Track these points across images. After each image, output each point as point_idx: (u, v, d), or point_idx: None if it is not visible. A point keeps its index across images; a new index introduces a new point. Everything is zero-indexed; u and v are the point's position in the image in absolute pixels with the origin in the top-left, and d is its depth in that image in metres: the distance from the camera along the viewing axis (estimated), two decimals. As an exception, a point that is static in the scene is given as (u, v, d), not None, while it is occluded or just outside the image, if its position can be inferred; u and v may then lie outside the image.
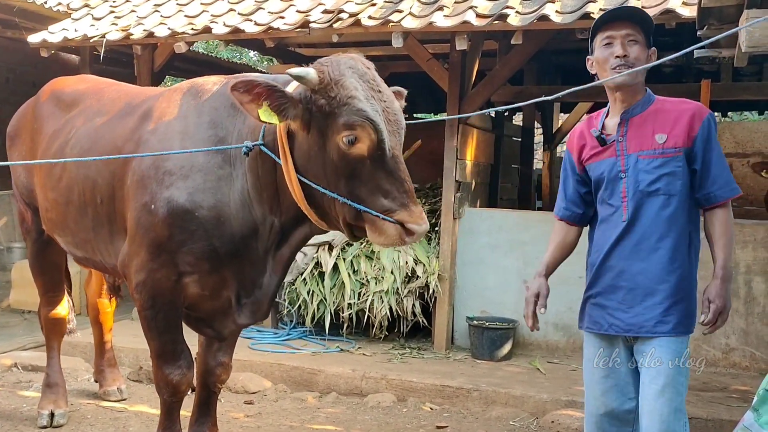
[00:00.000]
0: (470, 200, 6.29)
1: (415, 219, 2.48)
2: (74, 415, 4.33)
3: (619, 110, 2.67)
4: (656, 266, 2.59)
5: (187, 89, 3.09)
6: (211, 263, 2.92)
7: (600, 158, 2.70)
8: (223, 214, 2.86)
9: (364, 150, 2.49)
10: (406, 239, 2.50)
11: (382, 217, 2.49)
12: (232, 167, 2.86)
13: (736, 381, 5.03)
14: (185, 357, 3.14)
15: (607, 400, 2.72)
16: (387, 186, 2.51)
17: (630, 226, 2.62)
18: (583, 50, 8.12)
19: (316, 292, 5.87)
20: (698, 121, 2.58)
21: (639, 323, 2.61)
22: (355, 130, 2.47)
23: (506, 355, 5.64)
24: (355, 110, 2.47)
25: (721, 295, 2.54)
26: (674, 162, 2.58)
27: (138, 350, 5.41)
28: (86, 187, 3.28)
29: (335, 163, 2.54)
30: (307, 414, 4.59)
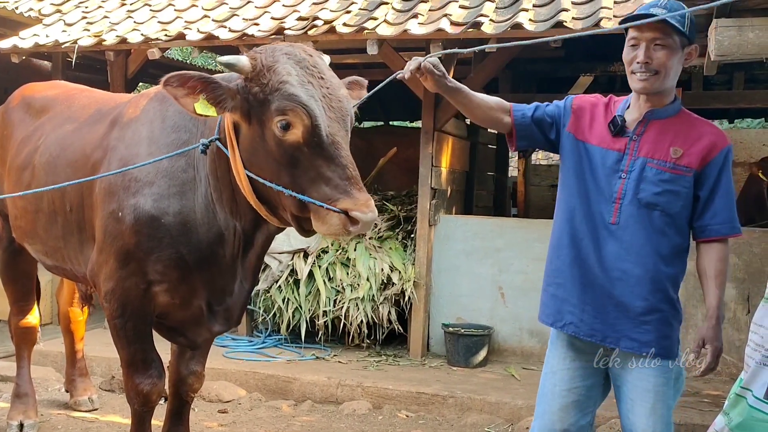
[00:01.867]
0: (446, 207, 6.31)
1: (359, 207, 2.34)
2: (44, 426, 4.26)
3: (643, 108, 2.51)
4: (639, 280, 2.45)
5: (154, 94, 3.07)
6: (179, 271, 2.88)
7: (608, 147, 2.53)
8: (189, 219, 2.83)
9: (299, 135, 2.40)
10: (350, 228, 2.36)
11: (326, 207, 2.37)
12: (195, 170, 2.83)
13: (708, 386, 5.08)
14: (156, 366, 3.09)
15: (565, 416, 2.60)
16: (328, 173, 2.39)
17: (619, 231, 2.47)
18: (557, 59, 8.21)
19: (291, 299, 5.84)
20: (718, 149, 2.44)
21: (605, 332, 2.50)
22: (287, 115, 2.39)
23: (481, 361, 5.66)
24: (286, 95, 2.40)
25: (718, 336, 2.41)
26: (682, 181, 2.44)
27: (110, 359, 5.34)
28: (55, 195, 3.23)
29: (274, 152, 2.46)
30: (281, 422, 4.56)
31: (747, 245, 5.26)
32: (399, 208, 6.41)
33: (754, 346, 2.42)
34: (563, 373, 2.63)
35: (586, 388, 2.61)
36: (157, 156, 2.84)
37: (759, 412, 2.33)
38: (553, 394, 2.63)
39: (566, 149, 2.63)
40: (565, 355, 2.63)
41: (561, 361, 2.64)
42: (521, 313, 5.82)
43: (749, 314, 5.23)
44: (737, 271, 5.26)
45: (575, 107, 2.63)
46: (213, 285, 2.96)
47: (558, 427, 2.62)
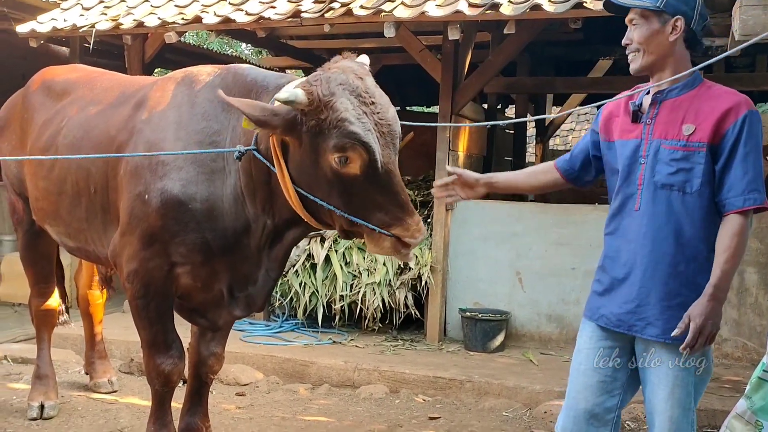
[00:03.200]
0: (463, 192, 6.27)
1: (411, 233, 2.50)
2: (64, 407, 4.30)
3: (653, 91, 2.50)
4: (658, 265, 2.42)
5: (181, 79, 3.06)
6: (203, 255, 2.90)
7: (627, 137, 2.53)
8: (216, 207, 2.84)
9: (357, 169, 2.47)
10: (402, 251, 2.52)
11: (378, 231, 2.51)
12: (225, 162, 2.85)
13: (729, 371, 5.04)
14: (177, 347, 3.11)
15: (589, 395, 2.58)
16: (381, 201, 2.51)
17: (640, 216, 2.46)
18: (576, 42, 8.13)
19: (308, 284, 5.85)
20: (732, 118, 2.34)
21: (631, 321, 2.48)
22: (347, 151, 2.44)
23: (499, 346, 5.64)
24: (346, 133, 2.44)
25: (703, 313, 2.30)
26: (696, 158, 2.37)
27: (129, 342, 5.39)
28: (79, 176, 3.24)
29: (329, 179, 2.53)
30: (299, 405, 4.58)
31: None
32: (416, 192, 6.38)
33: (778, 330, 2.39)
34: (589, 352, 2.61)
35: (612, 368, 2.58)
36: (185, 141, 2.85)
37: (783, 396, 2.30)
38: (578, 373, 2.62)
39: (606, 158, 2.65)
40: (591, 334, 2.62)
41: (587, 340, 2.63)
42: (539, 298, 5.79)
43: (771, 300, 5.17)
44: (759, 255, 5.20)
45: (605, 115, 2.67)
46: (236, 272, 2.97)
47: (582, 406, 2.59)
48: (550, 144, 10.76)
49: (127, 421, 4.14)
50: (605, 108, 2.69)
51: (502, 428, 4.25)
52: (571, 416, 2.63)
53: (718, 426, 2.59)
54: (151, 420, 3.22)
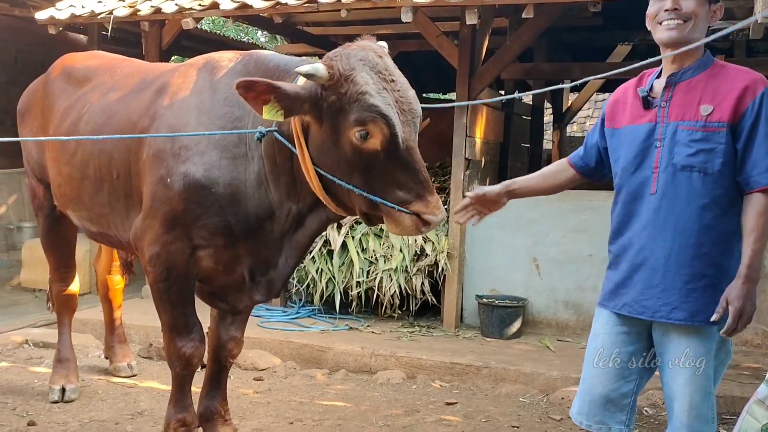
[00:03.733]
0: (480, 178, 6.27)
1: (431, 210, 2.48)
2: (85, 391, 4.35)
3: (668, 71, 2.45)
4: (681, 248, 2.39)
5: (203, 64, 3.06)
6: (225, 239, 2.91)
7: (638, 122, 2.49)
8: (239, 192, 2.85)
9: (378, 144, 2.46)
10: (422, 229, 2.50)
11: (398, 209, 2.49)
12: (248, 147, 2.85)
13: (748, 358, 5.01)
14: (197, 330, 3.14)
15: (606, 381, 2.57)
16: (402, 178, 2.49)
17: (658, 200, 2.42)
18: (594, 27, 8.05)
19: (325, 270, 5.87)
20: (750, 96, 2.32)
21: (656, 306, 2.45)
22: (367, 125, 2.44)
23: (516, 333, 5.64)
24: (366, 106, 2.43)
25: (742, 296, 2.29)
26: (716, 137, 2.34)
27: (148, 327, 5.44)
28: (102, 161, 3.27)
29: (349, 157, 2.52)
30: (316, 390, 4.61)
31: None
32: (432, 179, 6.35)
33: (800, 315, 2.37)
34: (605, 337, 2.60)
35: (628, 354, 2.56)
36: (208, 126, 2.85)
37: (804, 381, 2.28)
38: (593, 358, 2.61)
39: (611, 146, 2.63)
40: (607, 319, 2.60)
41: (603, 325, 2.61)
42: (556, 284, 5.78)
43: (791, 287, 5.13)
44: (779, 242, 5.14)
45: (610, 103, 2.65)
46: (258, 256, 2.98)
47: (598, 391, 2.59)
48: (567, 131, 10.68)
49: (146, 405, 4.19)
50: (611, 97, 2.68)
51: (518, 414, 4.26)
52: (587, 401, 2.62)
53: (738, 413, 2.57)
54: (172, 403, 3.25)
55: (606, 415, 2.60)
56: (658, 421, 4.13)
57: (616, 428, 2.61)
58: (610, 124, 2.62)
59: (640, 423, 4.08)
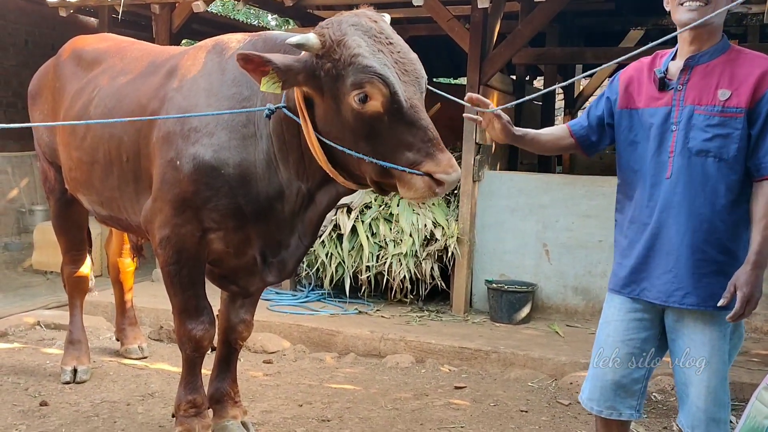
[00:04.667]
0: (490, 163, 6.25)
1: (443, 168, 2.38)
2: (96, 372, 4.39)
3: (685, 54, 2.43)
4: (694, 233, 2.39)
5: (212, 47, 3.06)
6: (235, 220, 2.91)
7: (655, 105, 2.46)
8: (249, 173, 2.85)
9: (379, 106, 2.40)
10: (436, 190, 2.40)
11: (409, 171, 2.40)
12: (256, 127, 2.84)
13: (758, 345, 5.00)
14: (208, 313, 3.15)
15: (618, 367, 2.57)
16: (409, 138, 2.41)
17: (672, 184, 2.41)
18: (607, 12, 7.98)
19: (335, 254, 5.88)
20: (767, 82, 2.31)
21: (669, 291, 2.45)
22: (365, 87, 2.39)
23: (525, 318, 5.64)
24: (361, 68, 2.39)
25: (750, 282, 2.29)
26: (733, 123, 2.33)
27: (158, 310, 5.47)
28: (112, 145, 3.27)
29: (352, 124, 2.48)
30: (325, 373, 4.63)
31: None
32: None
33: (810, 302, 2.36)
34: (617, 324, 2.59)
35: (641, 340, 2.56)
36: (217, 107, 2.85)
37: (814, 368, 2.28)
38: (606, 344, 2.61)
39: (622, 126, 2.59)
40: (620, 306, 2.59)
41: (616, 311, 2.60)
42: (566, 270, 5.77)
43: (802, 274, 5.10)
44: (791, 229, 5.11)
45: (623, 81, 2.60)
46: (269, 237, 2.97)
47: (610, 377, 2.59)
48: (578, 116, 10.64)
49: (157, 386, 4.22)
50: (623, 74, 2.62)
51: (527, 398, 4.26)
52: (598, 386, 2.63)
53: (747, 399, 2.57)
54: (182, 384, 3.27)
55: (617, 401, 2.61)
56: (667, 406, 4.13)
57: (627, 413, 2.62)
58: (624, 104, 2.58)
59: (648, 408, 4.08)
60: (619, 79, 2.63)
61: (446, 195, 6.07)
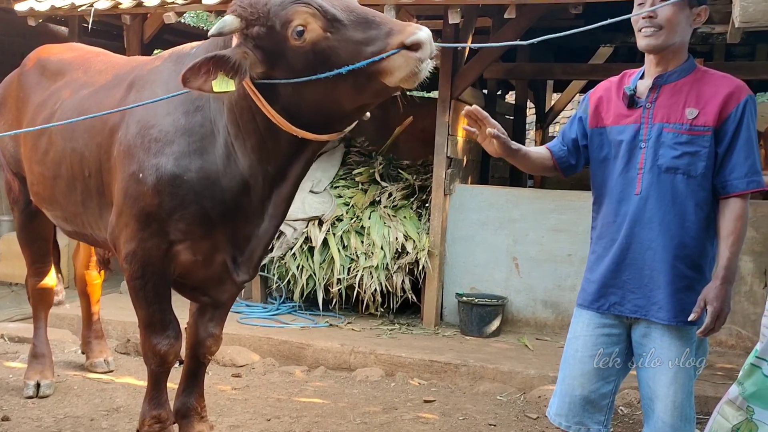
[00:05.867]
0: (461, 177, 6.28)
1: (408, 33, 2.25)
2: (60, 386, 4.32)
3: (653, 74, 2.49)
4: (664, 248, 2.43)
5: (168, 56, 3.07)
6: (203, 227, 2.87)
7: (623, 122, 2.51)
8: (211, 173, 2.81)
9: (317, 29, 2.35)
10: (417, 55, 2.24)
11: (381, 57, 2.27)
12: (213, 123, 2.82)
13: (722, 359, 5.07)
14: (173, 327, 3.12)
15: (585, 382, 2.59)
16: (362, 36, 2.32)
17: (642, 201, 2.46)
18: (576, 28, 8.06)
19: (306, 267, 5.86)
20: (734, 102, 2.38)
21: (639, 305, 2.49)
22: (293, 19, 2.35)
23: (495, 331, 5.66)
24: (278, 6, 2.36)
25: (720, 296, 2.34)
26: (701, 141, 2.39)
27: (126, 323, 5.40)
28: (74, 160, 3.23)
29: (309, 63, 2.38)
30: (294, 387, 4.60)
31: (765, 218, 5.21)
32: (414, 177, 6.38)
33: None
34: (586, 339, 2.61)
35: (610, 355, 2.59)
36: (174, 114, 2.83)
37: (774, 382, 2.32)
38: (575, 360, 2.62)
39: (594, 145, 2.64)
40: (588, 321, 2.61)
41: (584, 327, 2.62)
42: (535, 283, 5.81)
43: (766, 288, 5.19)
44: (754, 244, 5.21)
45: (593, 101, 2.65)
46: (237, 235, 2.93)
47: (578, 392, 2.61)
48: (549, 131, 10.73)
49: (122, 401, 4.16)
50: (593, 94, 2.68)
51: (496, 412, 4.28)
52: (566, 402, 2.64)
53: (711, 412, 2.61)
54: (147, 399, 3.23)
55: (585, 416, 2.62)
56: (633, 420, 4.17)
57: (595, 428, 2.63)
58: (594, 124, 2.63)
59: (615, 422, 4.11)
60: (589, 99, 2.68)
61: (417, 208, 6.11)
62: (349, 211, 6.01)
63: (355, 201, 6.09)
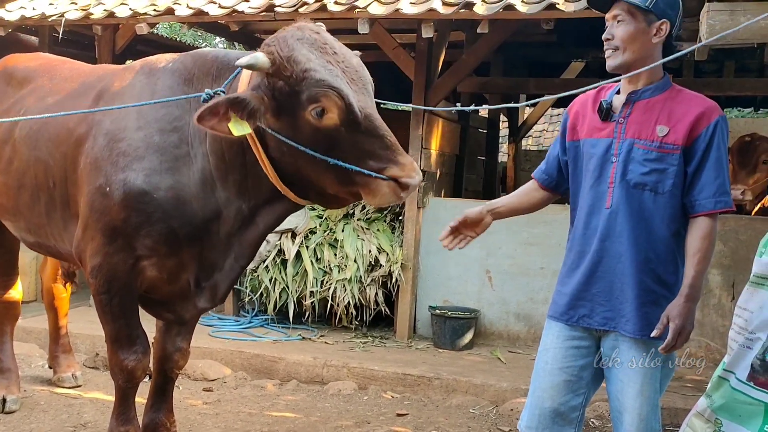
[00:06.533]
0: (435, 190, 6.30)
1: (407, 172, 2.45)
2: (27, 402, 4.24)
3: (626, 90, 2.53)
4: (632, 262, 2.46)
5: (140, 68, 3.03)
6: (169, 246, 2.85)
7: (597, 136, 2.55)
8: (183, 195, 2.79)
9: (335, 119, 2.44)
10: (401, 195, 2.47)
11: (375, 176, 2.44)
12: (190, 146, 2.80)
13: (691, 371, 5.11)
14: (141, 342, 3.07)
15: (555, 395, 2.60)
16: (369, 147, 2.46)
17: (613, 214, 2.48)
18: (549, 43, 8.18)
19: (279, 279, 5.82)
20: (704, 122, 2.41)
21: (608, 318, 2.51)
22: (321, 101, 2.42)
23: (468, 344, 5.67)
24: (314, 82, 2.42)
25: (683, 314, 2.37)
26: (670, 159, 2.43)
27: (94, 337, 5.31)
28: (38, 170, 3.18)
29: (311, 139, 2.47)
30: (266, 401, 4.56)
31: (733, 232, 5.28)
32: (388, 190, 6.37)
33: (738, 330, 2.42)
34: (556, 351, 2.62)
35: (578, 368, 2.60)
36: (146, 130, 2.81)
37: (741, 395, 2.33)
38: (545, 372, 2.63)
39: (570, 158, 2.67)
40: (558, 333, 2.63)
41: (555, 339, 2.63)
42: (508, 296, 5.83)
43: (734, 301, 5.26)
44: (723, 257, 5.28)
45: (571, 115, 2.69)
46: (203, 260, 2.92)
47: (548, 404, 2.61)
48: (522, 144, 10.82)
49: (90, 416, 4.09)
50: (570, 109, 2.72)
51: (468, 425, 4.27)
52: (536, 415, 2.64)
53: (680, 424, 2.63)
54: (114, 415, 3.18)
55: (555, 429, 2.63)
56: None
57: None
58: (571, 137, 2.66)
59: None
60: (568, 114, 2.72)
61: (391, 221, 6.11)
62: (322, 223, 5.99)
63: (328, 213, 6.07)
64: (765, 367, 2.24)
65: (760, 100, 9.45)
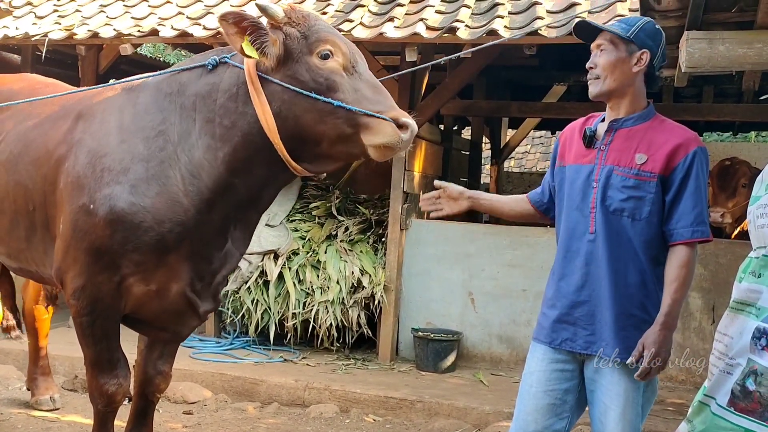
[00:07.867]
0: (417, 211, 6.31)
1: (403, 115, 2.58)
2: (3, 425, 4.17)
3: (609, 117, 2.61)
4: (613, 287, 2.49)
5: (121, 86, 3.04)
6: (158, 255, 2.79)
7: (581, 162, 2.61)
8: (171, 194, 2.76)
9: (340, 62, 2.62)
10: (402, 136, 2.56)
11: (377, 116, 2.56)
12: (175, 145, 2.79)
13: (672, 394, 5.14)
14: (122, 366, 3.03)
15: (539, 418, 2.60)
16: (368, 94, 2.61)
17: (594, 239, 2.53)
18: (531, 67, 8.27)
19: (261, 301, 5.79)
20: (683, 152, 2.47)
21: (590, 341, 2.53)
22: (328, 43, 2.61)
23: (450, 366, 5.66)
24: (325, 29, 2.67)
25: (658, 342, 2.40)
26: (647, 186, 2.48)
27: (74, 358, 5.24)
28: (17, 194, 3.13)
29: (315, 84, 2.60)
30: (247, 424, 4.52)
31: (713, 256, 5.34)
32: (371, 211, 6.38)
33: (718, 355, 2.44)
34: (540, 374, 2.64)
35: (562, 391, 2.61)
36: (130, 142, 2.80)
37: (722, 420, 2.34)
38: (529, 395, 2.64)
39: (557, 183, 2.74)
40: (543, 356, 2.64)
41: (539, 362, 2.65)
42: (491, 318, 5.84)
43: (714, 324, 5.30)
44: (703, 281, 5.33)
45: (561, 142, 2.76)
46: (195, 258, 2.87)
47: (532, 428, 2.62)
48: (504, 166, 10.89)
49: (68, 440, 4.04)
50: (561, 136, 2.79)
51: (451, 449, 4.25)
52: None
53: (661, 448, 2.64)
54: (93, 439, 3.14)
55: None
56: (587, 456, 4.19)
57: None
58: (559, 163, 2.73)
59: (569, 458, 4.12)
60: (559, 140, 2.79)
61: (374, 243, 6.11)
62: (305, 245, 5.98)
63: (311, 235, 6.07)
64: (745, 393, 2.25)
65: (738, 124, 9.59)
